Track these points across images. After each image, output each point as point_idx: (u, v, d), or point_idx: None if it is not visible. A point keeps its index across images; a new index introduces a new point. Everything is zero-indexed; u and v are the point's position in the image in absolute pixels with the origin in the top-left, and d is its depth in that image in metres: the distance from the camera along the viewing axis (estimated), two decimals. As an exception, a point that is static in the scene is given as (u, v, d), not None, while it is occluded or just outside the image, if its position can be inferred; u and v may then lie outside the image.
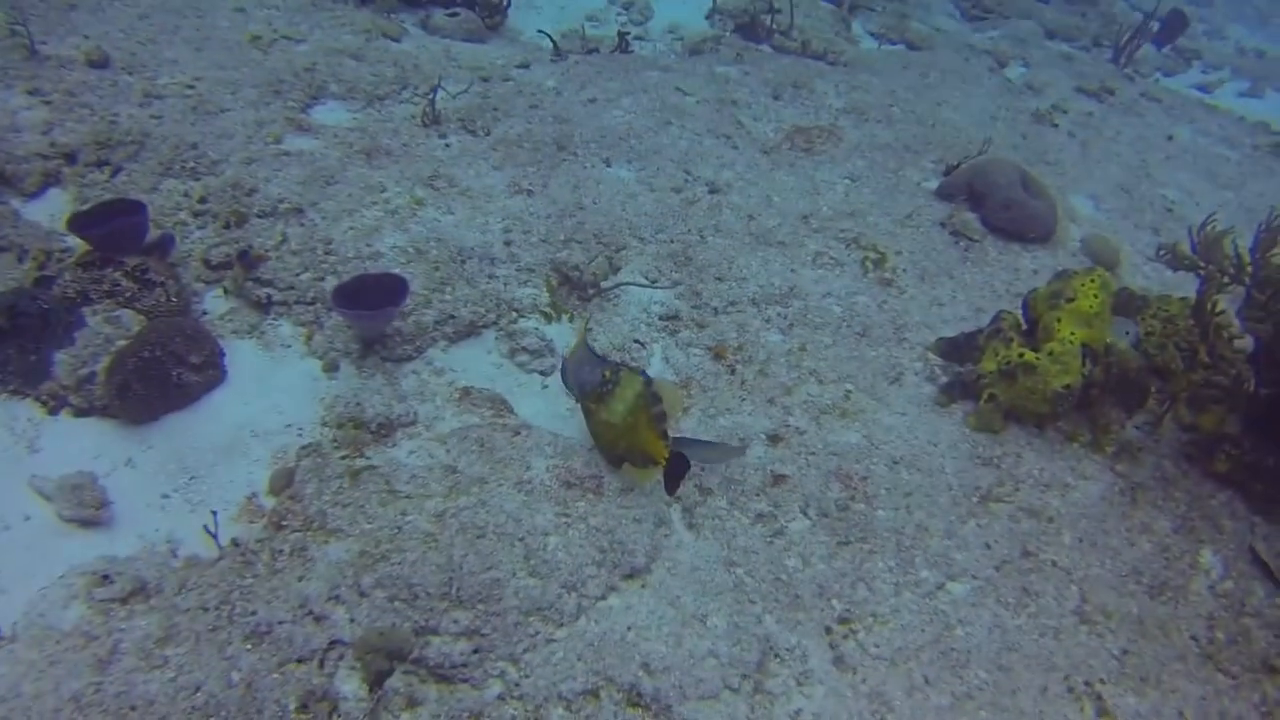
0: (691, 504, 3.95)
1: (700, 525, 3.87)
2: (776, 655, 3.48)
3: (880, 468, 4.14)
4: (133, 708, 2.95)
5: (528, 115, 6.36)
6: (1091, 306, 4.37)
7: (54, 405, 4.24)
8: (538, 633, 3.38)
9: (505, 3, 8.30)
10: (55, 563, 3.54)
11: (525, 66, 7.16)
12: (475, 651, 3.29)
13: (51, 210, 5.04)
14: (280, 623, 3.22)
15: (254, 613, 3.24)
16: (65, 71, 5.87)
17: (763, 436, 4.24)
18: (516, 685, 3.25)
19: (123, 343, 4.28)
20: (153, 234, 4.88)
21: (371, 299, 4.35)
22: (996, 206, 5.88)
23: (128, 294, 4.56)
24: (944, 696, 3.44)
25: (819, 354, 4.72)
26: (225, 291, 4.85)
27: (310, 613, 3.28)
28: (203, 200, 5.19)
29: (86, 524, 3.75)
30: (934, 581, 3.76)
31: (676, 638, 3.44)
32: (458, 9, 7.89)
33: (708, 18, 9.31)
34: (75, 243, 4.70)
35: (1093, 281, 4.43)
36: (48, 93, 5.65)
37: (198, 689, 3.02)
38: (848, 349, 4.79)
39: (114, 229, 4.56)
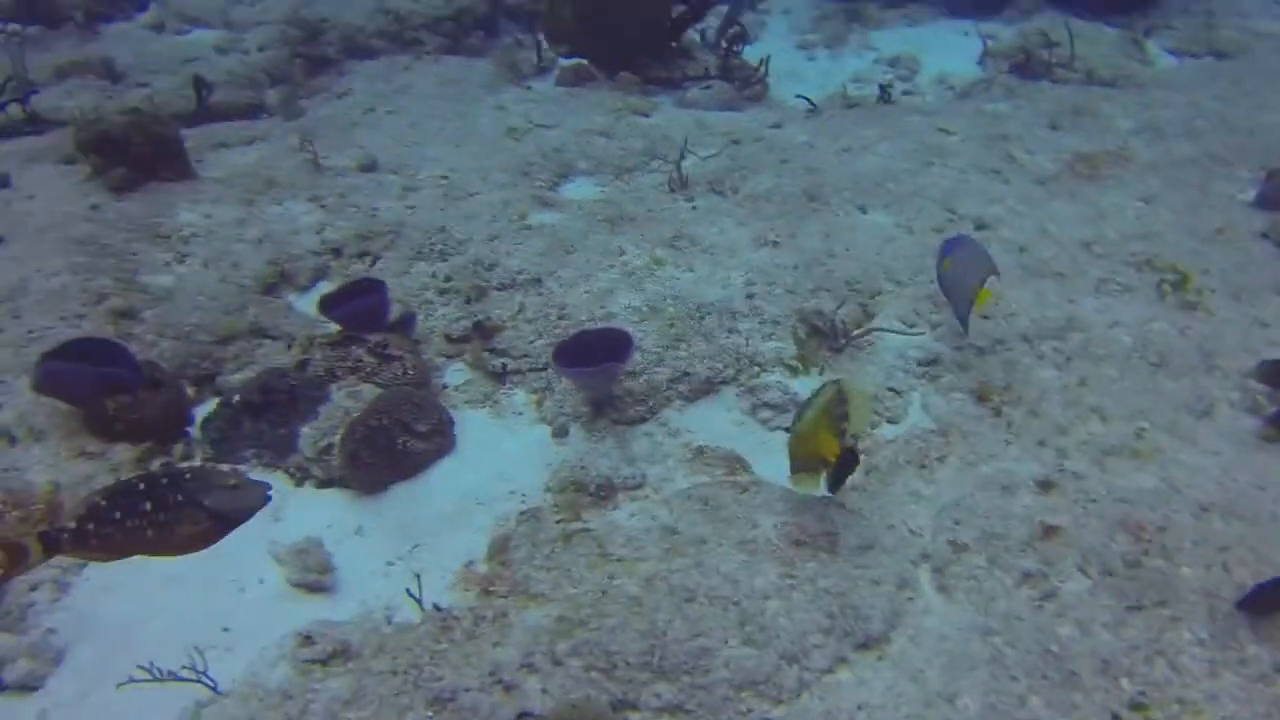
0: (943, 562, 3.39)
1: (952, 587, 3.31)
2: (1050, 747, 2.83)
3: (1184, 516, 3.38)
4: (317, 772, 2.84)
5: (777, 170, 6.12)
6: None
7: (300, 476, 4.40)
8: (751, 710, 2.96)
9: (763, 71, 8.19)
10: (280, 625, 3.57)
11: (778, 126, 6.95)
12: (681, 729, 2.92)
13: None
14: (467, 690, 3.03)
15: (440, 678, 3.07)
16: (340, 178, 6.35)
17: (1031, 483, 3.61)
18: (728, 770, 2.84)
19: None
20: (397, 312, 5.05)
21: (596, 357, 4.20)
22: (1335, 208, 4.86)
23: (368, 369, 4.71)
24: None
25: (1103, 389, 4.01)
26: (467, 365, 4.90)
27: (500, 681, 3.06)
28: (448, 279, 5.33)
29: (312, 589, 3.79)
30: (1270, 661, 2.95)
31: None
32: (711, 81, 7.87)
33: (979, 63, 8.72)
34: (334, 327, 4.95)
35: None
36: (325, 198, 6.11)
37: (378, 755, 2.87)
38: (1139, 382, 4.04)
39: (354, 308, 4.75)
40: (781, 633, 3.11)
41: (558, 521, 3.77)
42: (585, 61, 8.16)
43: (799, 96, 7.70)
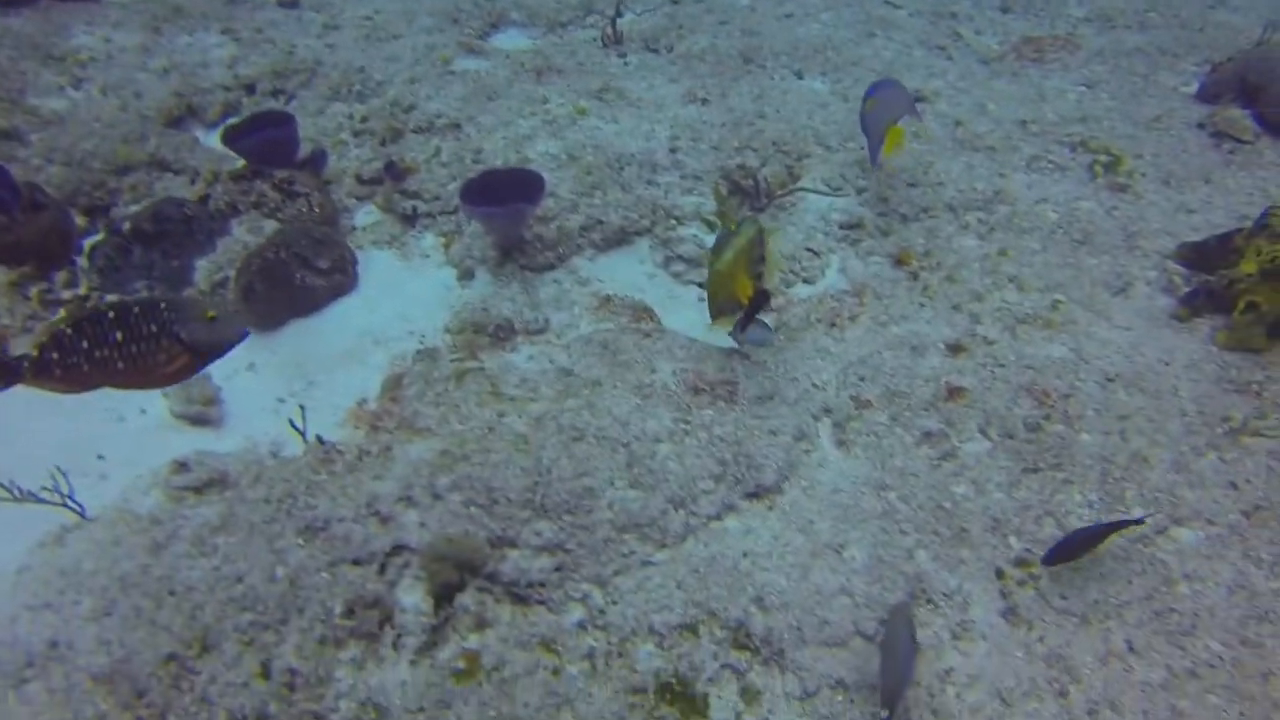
0: (844, 417, 3.30)
1: (852, 442, 3.22)
2: (929, 599, 2.79)
3: (1089, 385, 3.31)
4: (171, 593, 2.70)
5: (715, 31, 5.84)
6: (1396, 189, 3.33)
7: (194, 309, 4.17)
8: (633, 553, 2.86)
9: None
10: (159, 455, 3.38)
11: (721, -12, 6.64)
12: (557, 569, 2.82)
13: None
14: (340, 519, 2.89)
15: (314, 508, 2.92)
16: (258, 12, 5.95)
17: (941, 345, 3.52)
18: (601, 612, 2.75)
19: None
20: (307, 150, 4.77)
21: (507, 198, 3.98)
22: (1278, 98, 4.75)
23: (272, 204, 4.45)
24: (1155, 670, 2.63)
25: (1023, 260, 3.91)
26: (378, 207, 4.65)
27: (376, 512, 2.92)
28: (364, 120, 5.04)
29: (196, 421, 3.61)
30: (1151, 523, 2.92)
31: (803, 570, 2.82)
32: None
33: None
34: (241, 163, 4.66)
35: (1399, 158, 3.38)
36: (238, 31, 5.73)
37: (239, 580, 2.73)
38: (1061, 256, 3.94)
39: (260, 139, 4.46)
40: (670, 477, 3.00)
41: (453, 360, 3.60)
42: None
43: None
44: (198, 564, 2.76)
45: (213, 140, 4.96)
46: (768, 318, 3.72)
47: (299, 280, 4.02)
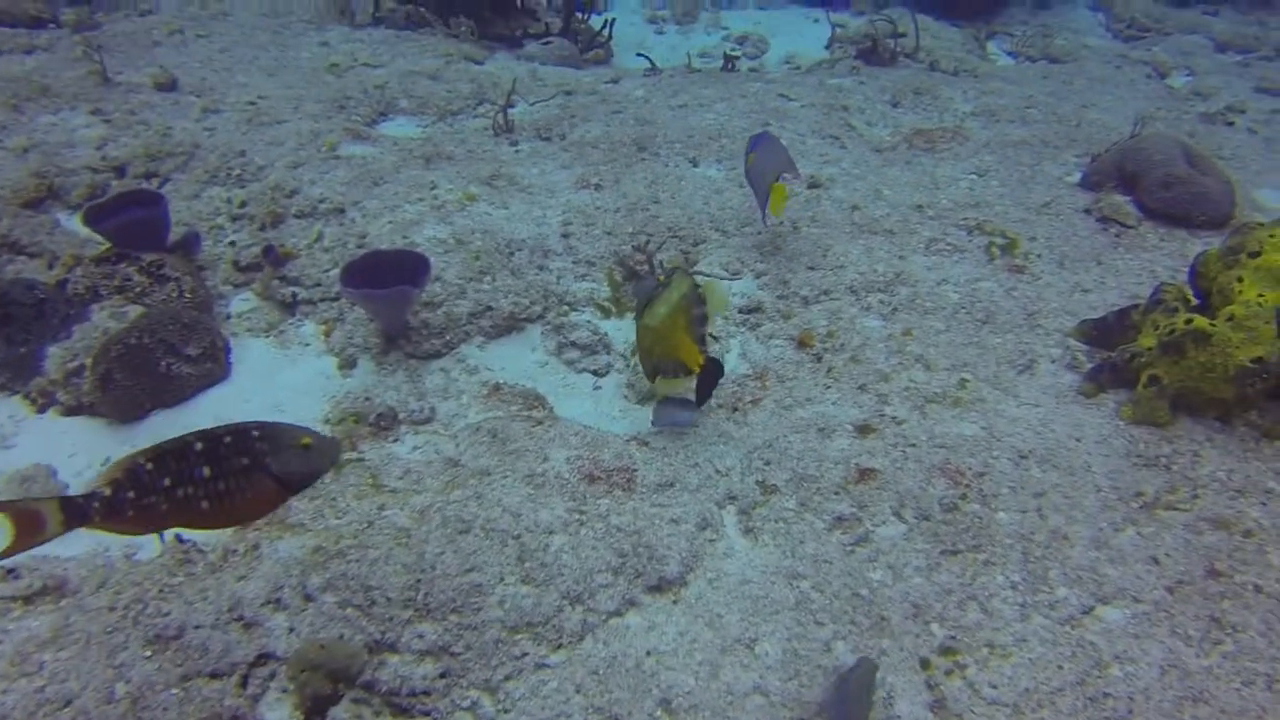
0: (750, 504, 3.09)
1: (759, 529, 3.01)
2: (852, 694, 2.54)
3: (1002, 462, 3.18)
4: (-22, 722, 2.30)
5: (608, 120, 5.79)
6: (1286, 261, 3.35)
7: (43, 402, 3.80)
8: (525, 654, 2.57)
9: (607, 34, 7.87)
10: (-13, 564, 2.97)
11: (615, 82, 6.64)
12: (442, 676, 2.52)
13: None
14: (197, 627, 2.54)
15: (167, 614, 2.57)
16: (132, 94, 5.68)
17: (849, 427, 3.36)
18: (492, 720, 2.44)
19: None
20: (178, 232, 4.48)
21: (390, 282, 3.74)
22: (1154, 185, 4.86)
23: (138, 289, 4.12)
24: (1095, 760, 2.42)
25: (928, 339, 3.82)
26: (255, 294, 4.36)
27: (240, 618, 2.59)
28: (243, 205, 4.78)
29: (34, 524, 3.20)
30: (1078, 604, 2.76)
31: (712, 668, 2.57)
32: (552, 38, 7.49)
33: (827, 46, 8.65)
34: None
35: (1285, 232, 3.42)
36: (109, 112, 5.45)
37: (68, 702, 2.35)
38: (965, 335, 3.87)
39: (126, 219, 4.16)
40: (565, 571, 2.73)
41: (328, 453, 3.29)
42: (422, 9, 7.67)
43: (640, 55, 7.42)
44: (15, 687, 2.36)
45: (75, 224, 4.63)
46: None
47: (164, 368, 3.69)
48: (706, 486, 3.11)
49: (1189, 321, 3.33)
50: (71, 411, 3.75)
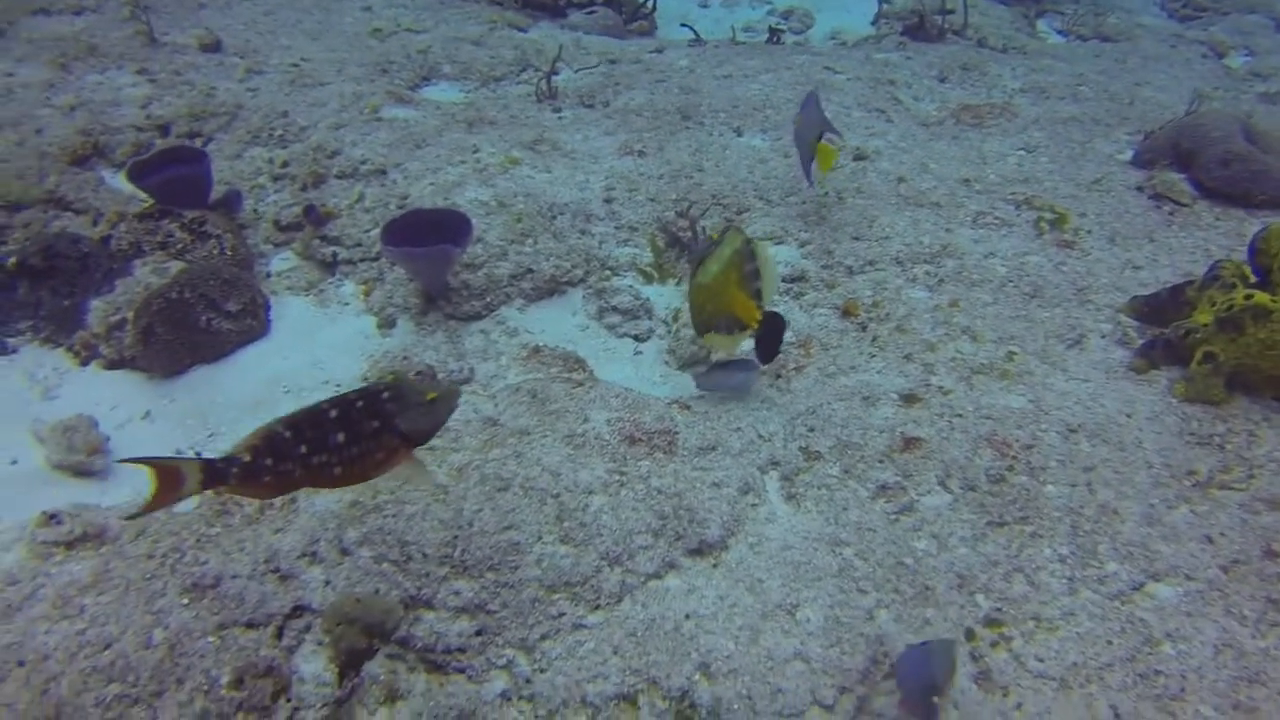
0: (793, 470, 3.05)
1: (801, 495, 2.96)
2: (892, 665, 2.50)
3: (1051, 435, 3.12)
4: (20, 663, 2.30)
5: (652, 88, 5.73)
6: (1351, 238, 3.25)
7: (85, 355, 3.81)
8: (563, 614, 2.55)
9: (651, 5, 7.78)
10: (30, 509, 2.98)
11: (659, 51, 6.56)
12: (478, 634, 2.50)
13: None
14: (234, 576, 2.54)
15: (204, 563, 2.57)
16: (177, 55, 5.69)
17: (894, 396, 3.31)
18: (527, 681, 2.43)
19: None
20: (220, 191, 4.48)
21: (431, 241, 3.71)
22: (1212, 164, 4.74)
23: (180, 246, 4.13)
24: (1143, 737, 2.37)
25: (975, 311, 3.75)
26: (296, 253, 4.36)
27: (276, 569, 2.58)
28: (285, 165, 4.78)
29: (78, 472, 3.23)
30: (1128, 579, 2.70)
31: (752, 633, 2.53)
32: (596, 7, 7.42)
33: (874, 22, 8.50)
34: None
35: (1351, 208, 3.31)
36: (155, 72, 5.46)
37: (108, 645, 2.35)
38: (1013, 309, 3.79)
39: (169, 176, 4.16)
40: (605, 531, 2.71)
41: (367, 409, 3.28)
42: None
43: (684, 25, 7.34)
44: (57, 628, 2.37)
45: (120, 181, 4.65)
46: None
47: (204, 323, 3.70)
48: (749, 451, 3.07)
49: (1249, 297, 3.24)
50: (113, 365, 3.77)
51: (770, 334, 3.06)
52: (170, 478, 2.01)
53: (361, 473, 2.17)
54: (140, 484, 3.20)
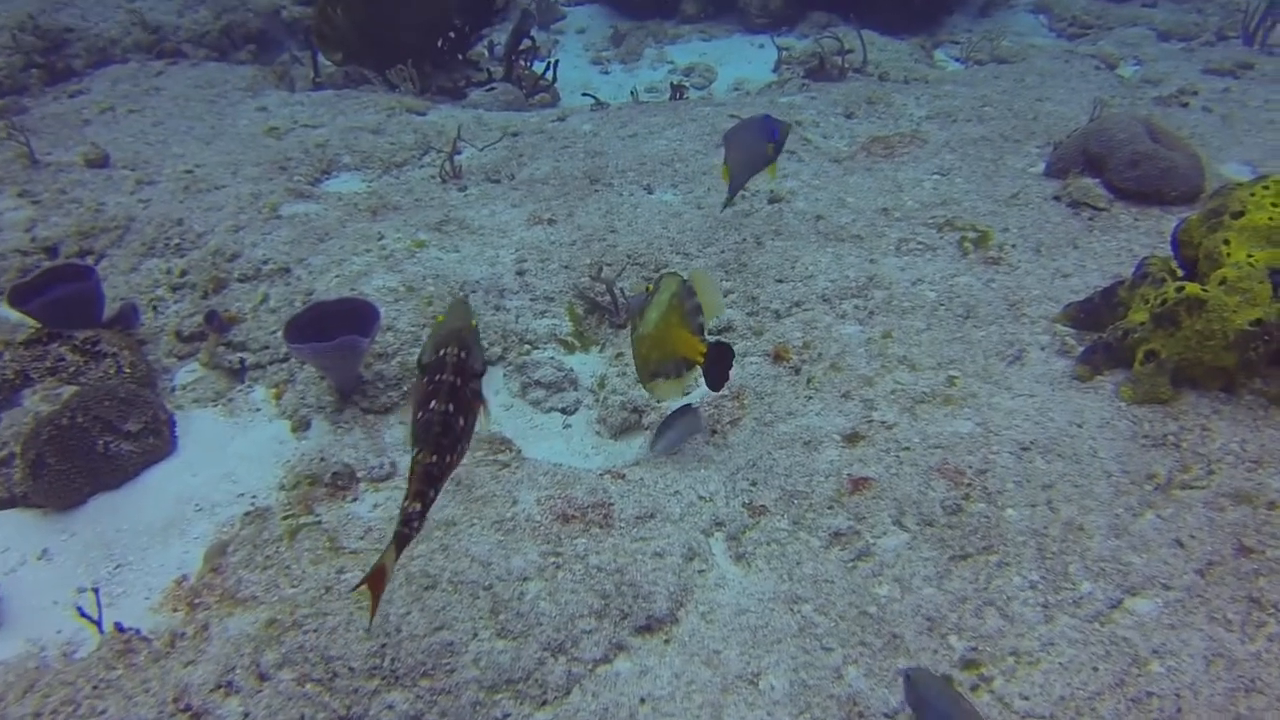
0: (738, 529, 2.86)
1: (751, 554, 2.77)
2: (870, 723, 2.30)
3: (1004, 457, 2.97)
4: None
5: (557, 155, 5.62)
6: (1273, 219, 3.19)
7: (-30, 500, 3.53)
8: (508, 715, 2.32)
9: (552, 77, 7.75)
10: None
11: (562, 119, 6.48)
12: (417, 748, 2.25)
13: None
14: (136, 723, 2.27)
15: (102, 712, 2.30)
16: (62, 174, 5.48)
17: (836, 436, 3.15)
18: (476, 794, 2.18)
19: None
20: (114, 307, 4.25)
21: (338, 334, 3.51)
22: (1121, 165, 4.73)
23: (72, 369, 3.88)
24: (1146, 769, 2.18)
25: (910, 340, 3.62)
26: (201, 363, 4.13)
27: (187, 708, 2.32)
28: (183, 274, 4.57)
29: (-39, 629, 2.94)
30: (1104, 598, 2.54)
31: (714, 709, 2.32)
32: (495, 84, 7.36)
33: (775, 69, 8.57)
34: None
35: (1267, 189, 3.26)
36: (38, 194, 5.24)
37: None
38: (948, 332, 3.67)
39: (54, 297, 3.93)
40: (544, 619, 2.49)
41: (284, 519, 3.05)
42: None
43: (585, 94, 7.29)
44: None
45: (5, 309, 4.40)
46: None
47: (101, 448, 3.44)
48: (690, 514, 2.88)
49: (1180, 289, 3.15)
50: (3, 504, 3.49)
51: (717, 361, 2.97)
52: (380, 577, 1.95)
53: (470, 435, 2.13)
54: (33, 631, 2.94)
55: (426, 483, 2.01)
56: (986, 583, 2.59)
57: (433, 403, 2.03)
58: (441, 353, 2.08)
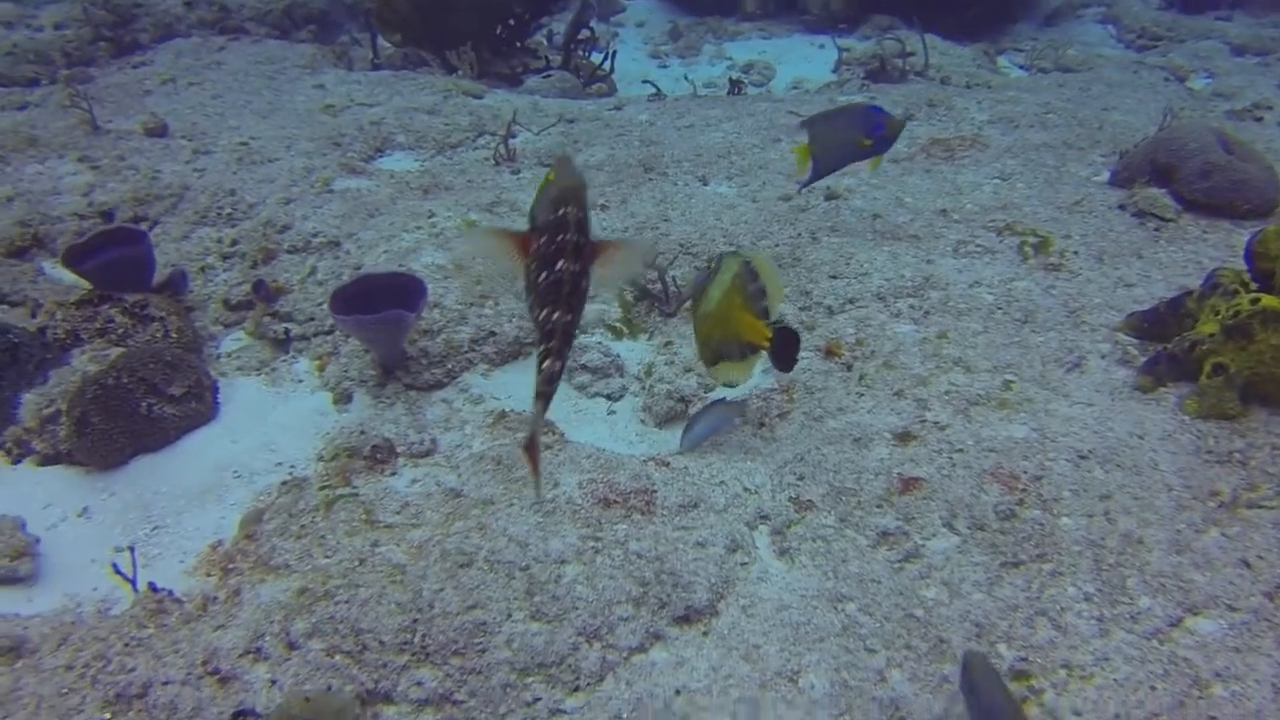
0: (783, 523, 2.79)
1: (795, 550, 2.70)
2: (913, 729, 2.23)
3: (1060, 464, 2.87)
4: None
5: (612, 143, 5.58)
6: (1355, 233, 3.06)
7: (18, 453, 3.55)
8: (538, 699, 2.27)
9: (609, 68, 7.71)
10: (-57, 625, 2.70)
11: (618, 108, 6.44)
12: (445, 726, 2.20)
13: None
14: (165, 683, 2.25)
15: (131, 670, 2.28)
16: (121, 141, 5.52)
17: (887, 435, 3.06)
18: (503, 777, 2.13)
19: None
20: (164, 273, 4.26)
21: (384, 308, 3.49)
22: (1191, 175, 4.58)
23: (121, 331, 3.90)
24: (1205, 797, 2.09)
25: (965, 341, 3.53)
26: (247, 332, 4.13)
27: (214, 671, 2.30)
28: (234, 243, 4.58)
29: (2, 580, 2.94)
30: (1164, 615, 2.44)
31: (751, 706, 2.25)
32: (552, 70, 7.33)
33: (834, 69, 8.45)
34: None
35: (1351, 201, 3.13)
36: (97, 159, 5.29)
37: (11, 776, 2.06)
38: (1005, 336, 3.57)
39: (106, 259, 3.96)
40: (580, 604, 2.44)
41: (321, 489, 3.02)
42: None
43: (645, 81, 7.23)
44: (-46, 762, 2.08)
45: (60, 271, 4.44)
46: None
47: (144, 410, 3.44)
48: (734, 506, 2.82)
49: (1256, 300, 3.03)
50: (49, 461, 3.51)
51: (785, 344, 2.89)
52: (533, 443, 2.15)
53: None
54: (70, 586, 2.94)
55: (567, 341, 2.06)
56: (1039, 592, 2.50)
57: (560, 262, 2.04)
58: (561, 211, 2.06)
